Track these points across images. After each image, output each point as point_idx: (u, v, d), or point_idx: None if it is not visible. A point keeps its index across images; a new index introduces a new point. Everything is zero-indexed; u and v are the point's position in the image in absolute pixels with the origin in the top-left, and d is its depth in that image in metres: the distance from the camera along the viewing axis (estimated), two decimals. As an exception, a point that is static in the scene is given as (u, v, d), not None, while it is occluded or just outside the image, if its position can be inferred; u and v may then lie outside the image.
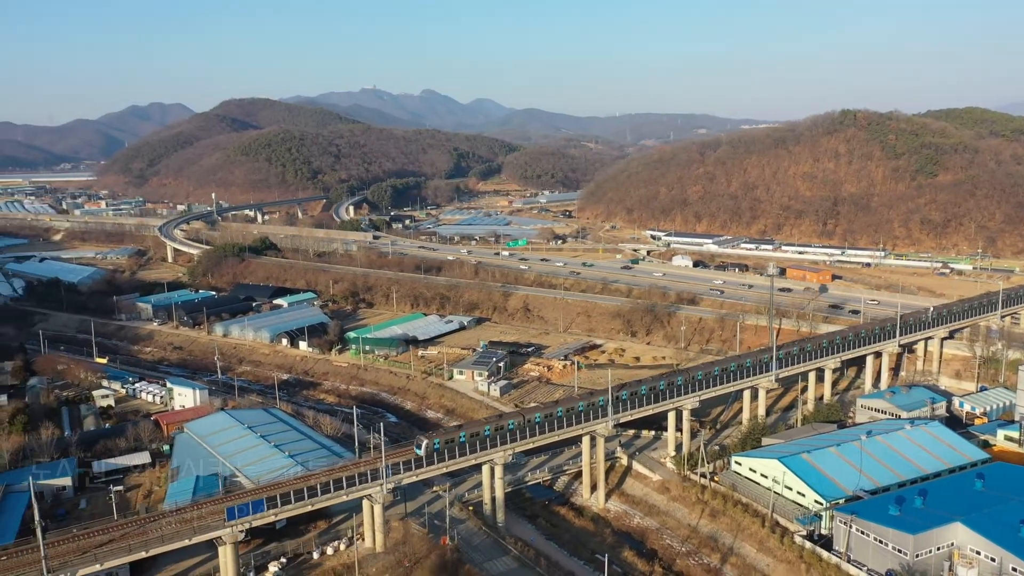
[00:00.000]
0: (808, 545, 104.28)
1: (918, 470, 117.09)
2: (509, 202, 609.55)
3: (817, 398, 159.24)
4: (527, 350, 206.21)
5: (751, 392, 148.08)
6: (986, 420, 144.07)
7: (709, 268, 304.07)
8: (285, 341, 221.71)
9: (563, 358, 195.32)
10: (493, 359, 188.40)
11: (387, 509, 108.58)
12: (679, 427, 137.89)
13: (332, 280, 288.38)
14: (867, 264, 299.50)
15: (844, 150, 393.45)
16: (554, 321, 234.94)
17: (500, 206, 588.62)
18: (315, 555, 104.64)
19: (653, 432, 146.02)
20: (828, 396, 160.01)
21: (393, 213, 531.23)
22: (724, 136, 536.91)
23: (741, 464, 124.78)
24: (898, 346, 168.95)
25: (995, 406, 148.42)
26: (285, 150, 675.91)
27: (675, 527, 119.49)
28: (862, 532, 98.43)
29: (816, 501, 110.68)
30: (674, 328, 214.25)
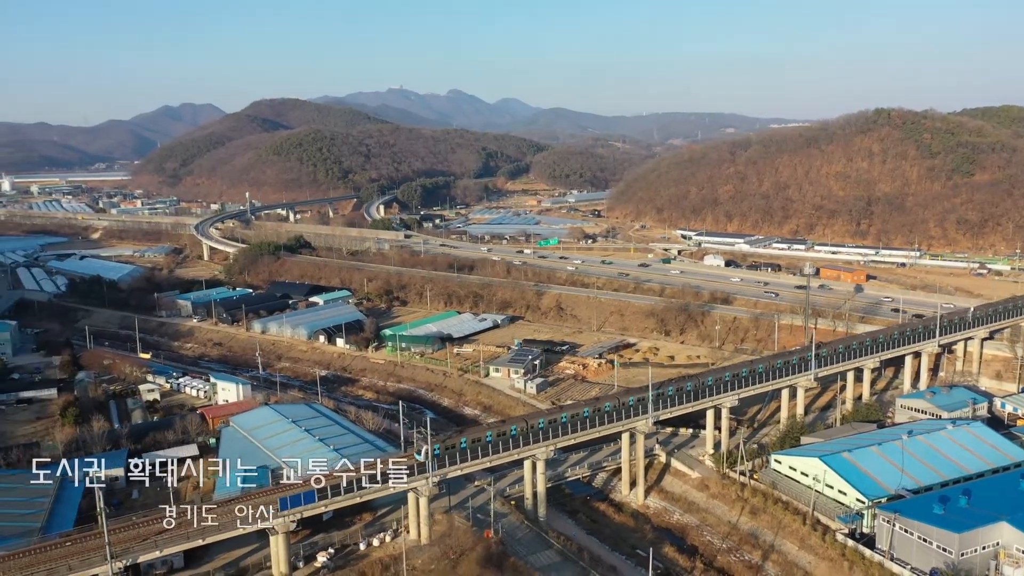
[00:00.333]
0: (850, 543, 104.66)
1: (961, 470, 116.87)
2: (538, 201, 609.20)
3: (855, 398, 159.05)
4: (561, 348, 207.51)
5: (789, 391, 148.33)
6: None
7: (741, 268, 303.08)
8: (322, 338, 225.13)
9: (598, 356, 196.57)
10: (528, 357, 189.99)
11: (431, 502, 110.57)
12: (717, 425, 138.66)
13: (366, 278, 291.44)
14: (902, 264, 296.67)
15: (878, 149, 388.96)
16: (587, 320, 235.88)
17: (529, 205, 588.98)
18: (361, 546, 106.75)
19: (691, 430, 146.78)
20: (867, 396, 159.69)
21: (423, 212, 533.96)
22: (754, 135, 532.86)
23: (781, 462, 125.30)
24: (938, 346, 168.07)
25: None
26: (316, 150, 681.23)
27: (715, 524, 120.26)
28: (905, 530, 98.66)
29: (858, 500, 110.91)
30: (708, 327, 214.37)
